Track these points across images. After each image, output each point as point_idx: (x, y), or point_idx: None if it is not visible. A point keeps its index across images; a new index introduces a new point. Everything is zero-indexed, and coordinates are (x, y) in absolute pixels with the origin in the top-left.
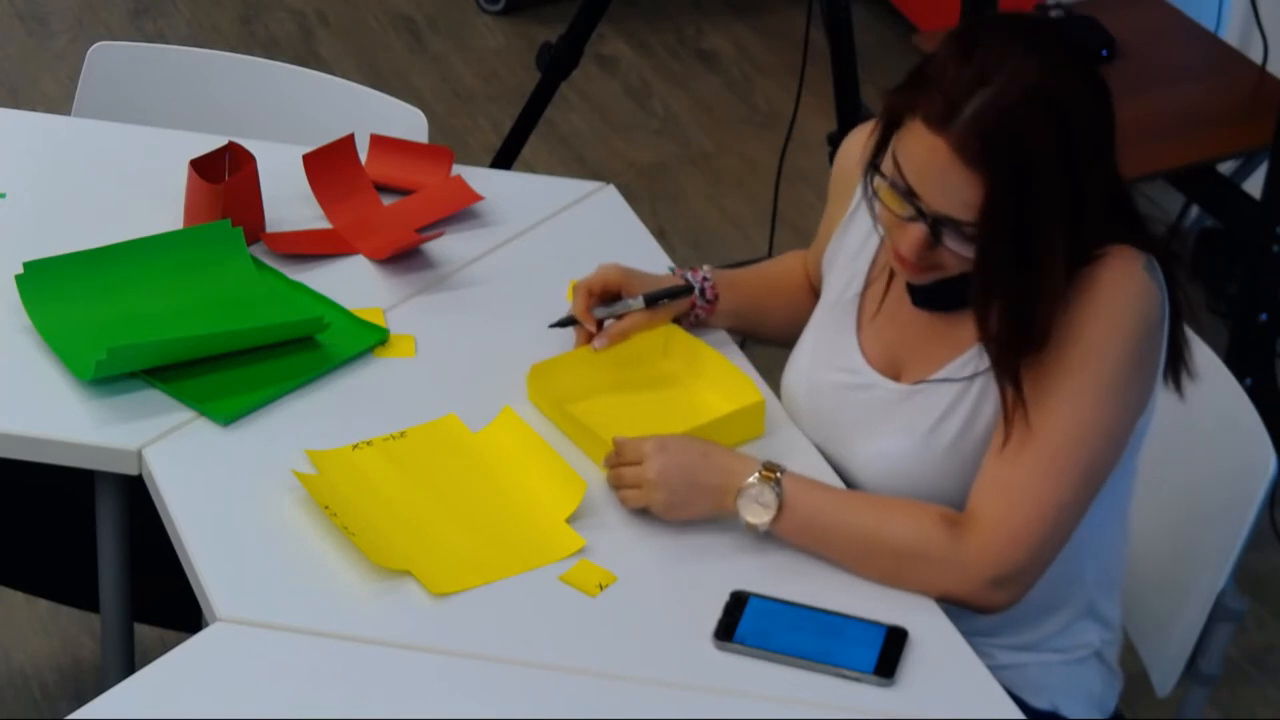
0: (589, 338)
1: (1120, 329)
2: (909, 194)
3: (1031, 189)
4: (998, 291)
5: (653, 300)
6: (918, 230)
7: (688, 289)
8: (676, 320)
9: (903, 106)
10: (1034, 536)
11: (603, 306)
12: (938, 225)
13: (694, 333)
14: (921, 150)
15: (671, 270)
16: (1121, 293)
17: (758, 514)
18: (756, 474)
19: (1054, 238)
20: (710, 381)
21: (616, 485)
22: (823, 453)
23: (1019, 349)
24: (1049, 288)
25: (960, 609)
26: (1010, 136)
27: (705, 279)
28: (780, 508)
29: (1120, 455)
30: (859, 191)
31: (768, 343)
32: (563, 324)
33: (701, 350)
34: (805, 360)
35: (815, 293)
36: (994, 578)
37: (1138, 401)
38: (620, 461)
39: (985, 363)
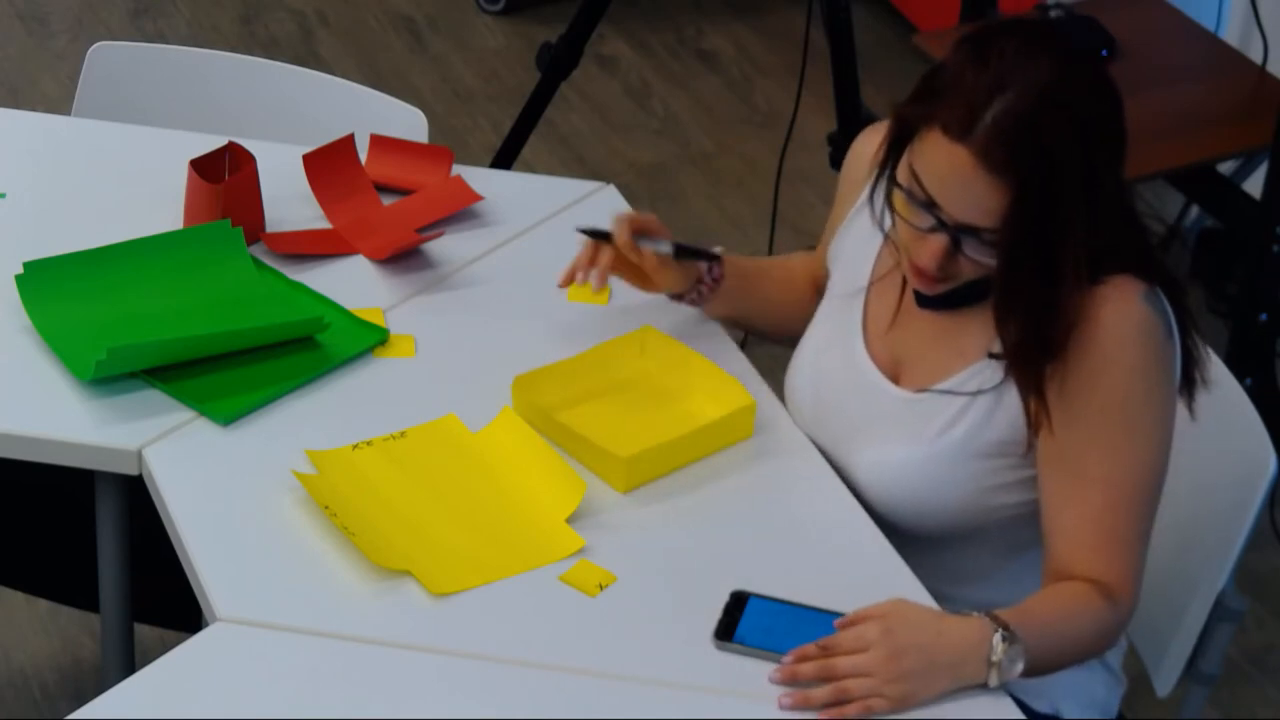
0: (587, 266)
1: (1135, 368)
2: (929, 205)
3: (1056, 192)
4: (1020, 298)
5: (681, 252)
6: (939, 241)
7: (715, 257)
8: (679, 297)
9: (917, 117)
10: (1142, 568)
11: (636, 238)
12: (959, 235)
13: (691, 331)
14: (942, 160)
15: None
16: (1127, 333)
17: (1014, 670)
18: (998, 638)
19: (1076, 239)
20: (697, 385)
21: (821, 676)
22: (824, 453)
23: (1039, 358)
24: (1070, 292)
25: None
26: (1032, 141)
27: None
28: (1026, 656)
29: (1168, 469)
30: (865, 191)
31: (760, 336)
32: (591, 233)
33: (683, 352)
34: (812, 352)
35: (819, 293)
36: (1128, 624)
37: (1171, 415)
38: (831, 653)
39: (990, 380)
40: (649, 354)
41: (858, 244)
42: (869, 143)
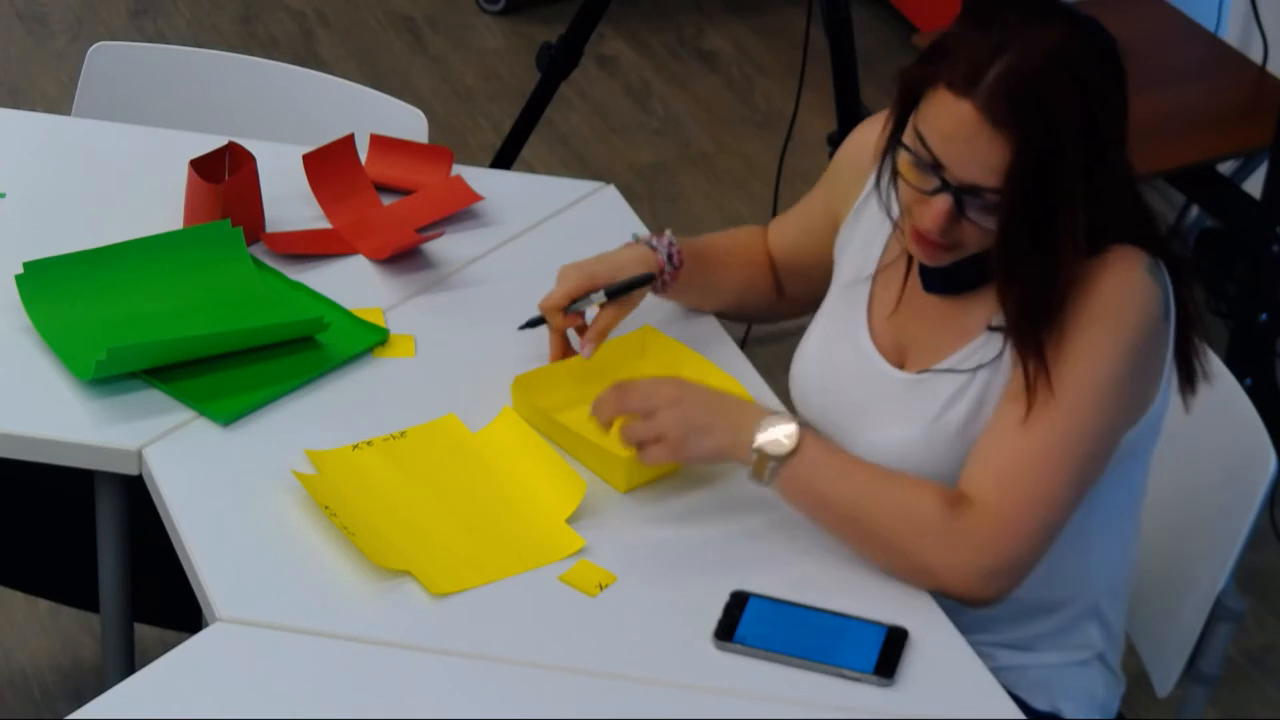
0: (561, 351)
1: (1119, 330)
2: (933, 165)
3: (1056, 151)
4: (1020, 262)
5: (614, 293)
6: (943, 202)
7: (648, 278)
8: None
9: (922, 79)
10: (1029, 529)
11: (571, 304)
12: (961, 195)
13: (691, 331)
14: (946, 117)
15: (635, 238)
16: (1122, 294)
17: (777, 445)
18: (776, 412)
19: (1076, 205)
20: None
21: (617, 413)
22: (829, 438)
23: (1039, 319)
24: (1069, 259)
25: (953, 602)
26: (1036, 97)
27: (671, 244)
28: (797, 447)
29: (1111, 454)
30: (872, 179)
31: (724, 315)
32: (531, 324)
33: (681, 352)
34: (817, 341)
35: (774, 270)
36: (988, 568)
37: (1137, 403)
38: (624, 399)
39: (990, 354)
40: (649, 355)
41: (865, 233)
42: (869, 132)
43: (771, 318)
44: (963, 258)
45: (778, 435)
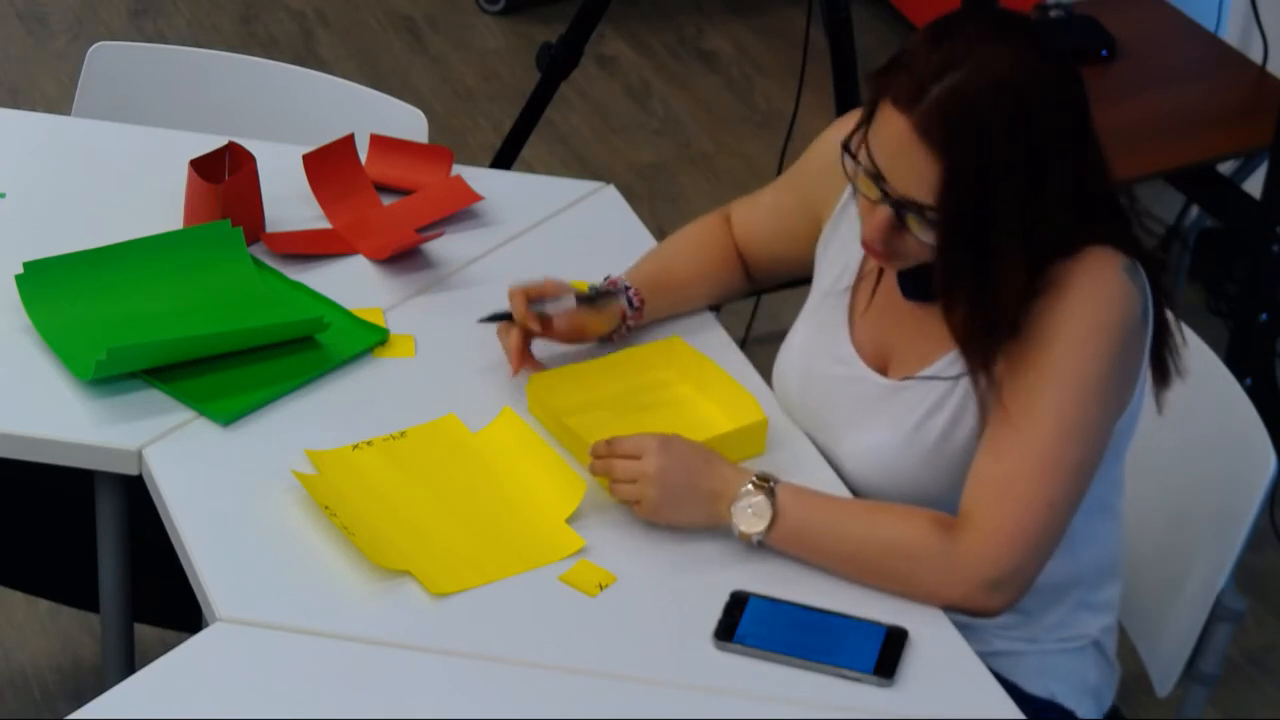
0: (520, 355)
1: (1098, 328)
2: (877, 176)
3: (989, 176)
4: (957, 278)
5: (584, 300)
6: (883, 213)
7: (613, 294)
8: (609, 334)
9: (876, 89)
10: (1027, 537)
11: (535, 304)
12: (901, 209)
13: (686, 327)
14: (888, 131)
15: (592, 288)
16: (1098, 293)
17: (751, 523)
18: (750, 483)
19: (1011, 228)
20: (713, 397)
21: (604, 475)
22: (811, 441)
23: (984, 337)
24: (1007, 278)
25: (960, 612)
26: (972, 122)
27: (628, 288)
28: (774, 517)
29: (1103, 453)
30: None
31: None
32: (494, 318)
33: (704, 365)
34: (797, 349)
35: (741, 256)
36: (990, 580)
37: (1118, 400)
38: (614, 453)
39: None
40: (674, 365)
41: (845, 237)
42: (840, 132)
43: (741, 298)
44: (927, 264)
45: (753, 513)
